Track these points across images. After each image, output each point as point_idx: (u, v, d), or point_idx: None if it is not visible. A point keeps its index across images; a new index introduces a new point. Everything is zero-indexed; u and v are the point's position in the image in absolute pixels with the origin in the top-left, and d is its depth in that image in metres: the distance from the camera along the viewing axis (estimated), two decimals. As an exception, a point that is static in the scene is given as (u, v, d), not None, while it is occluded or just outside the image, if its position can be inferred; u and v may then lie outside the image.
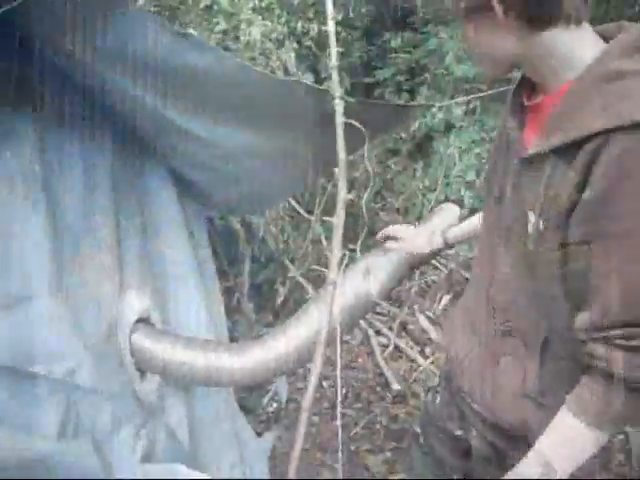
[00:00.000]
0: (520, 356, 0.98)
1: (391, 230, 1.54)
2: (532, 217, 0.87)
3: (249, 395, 2.73)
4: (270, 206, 2.99)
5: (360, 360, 3.22)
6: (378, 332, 3.46)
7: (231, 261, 2.98)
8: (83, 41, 1.21)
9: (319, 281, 3.43)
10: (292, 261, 3.20)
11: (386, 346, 3.35)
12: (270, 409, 2.69)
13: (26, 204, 1.39)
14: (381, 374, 3.08)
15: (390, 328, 3.50)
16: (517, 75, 1.01)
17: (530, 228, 0.87)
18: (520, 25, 0.80)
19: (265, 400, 2.71)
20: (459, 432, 1.20)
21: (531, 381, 0.95)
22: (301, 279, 3.04)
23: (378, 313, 3.70)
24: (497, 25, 0.80)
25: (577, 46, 0.81)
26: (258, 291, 3.20)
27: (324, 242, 3.56)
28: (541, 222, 0.85)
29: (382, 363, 3.11)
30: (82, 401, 1.32)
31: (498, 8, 0.77)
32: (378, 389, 2.98)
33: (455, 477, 1.26)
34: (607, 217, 0.76)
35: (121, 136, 1.88)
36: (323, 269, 3.37)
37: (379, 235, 1.57)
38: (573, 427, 0.87)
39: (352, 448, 2.51)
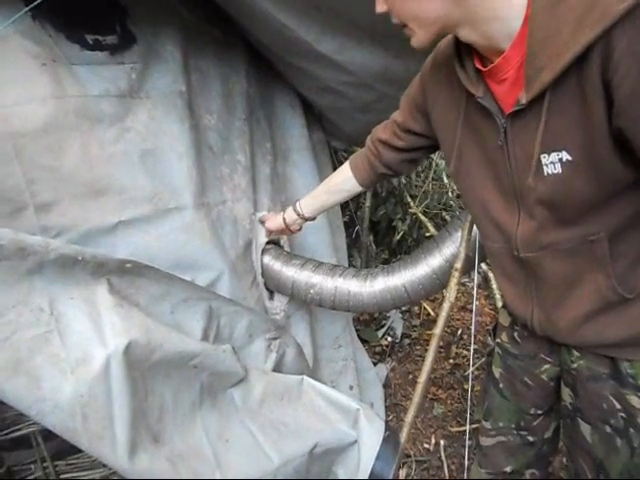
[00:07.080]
0: (584, 277, 0.93)
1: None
2: (548, 158, 0.82)
3: (365, 327, 2.78)
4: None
5: (477, 303, 3.15)
6: (498, 276, 3.34)
7: (352, 194, 2.97)
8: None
9: (438, 219, 3.35)
10: (413, 197, 3.13)
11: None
12: (385, 342, 2.73)
13: (174, 120, 1.45)
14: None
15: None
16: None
17: (553, 168, 0.82)
18: None
19: (380, 333, 2.75)
20: (547, 366, 1.16)
21: (609, 288, 0.90)
22: (421, 216, 2.97)
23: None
24: None
25: None
26: (376, 226, 3.18)
27: (445, 180, 3.45)
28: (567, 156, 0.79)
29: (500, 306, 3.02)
30: (222, 310, 1.39)
31: None
32: (495, 332, 2.90)
33: (539, 414, 1.23)
34: None
35: (254, 59, 1.89)
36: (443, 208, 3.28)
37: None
38: None
39: (465, 387, 2.50)
